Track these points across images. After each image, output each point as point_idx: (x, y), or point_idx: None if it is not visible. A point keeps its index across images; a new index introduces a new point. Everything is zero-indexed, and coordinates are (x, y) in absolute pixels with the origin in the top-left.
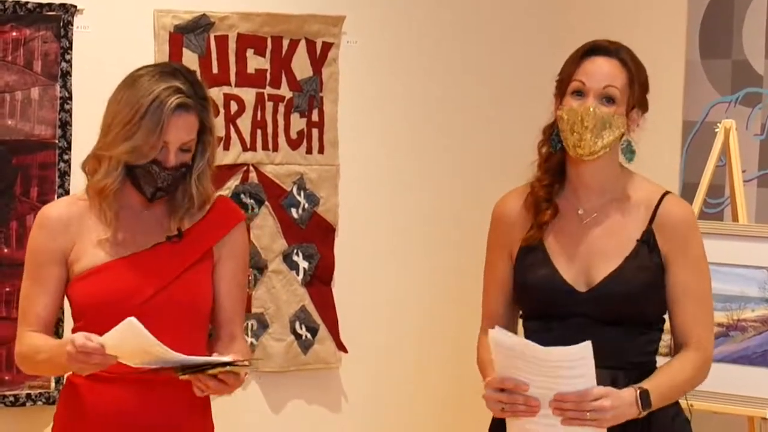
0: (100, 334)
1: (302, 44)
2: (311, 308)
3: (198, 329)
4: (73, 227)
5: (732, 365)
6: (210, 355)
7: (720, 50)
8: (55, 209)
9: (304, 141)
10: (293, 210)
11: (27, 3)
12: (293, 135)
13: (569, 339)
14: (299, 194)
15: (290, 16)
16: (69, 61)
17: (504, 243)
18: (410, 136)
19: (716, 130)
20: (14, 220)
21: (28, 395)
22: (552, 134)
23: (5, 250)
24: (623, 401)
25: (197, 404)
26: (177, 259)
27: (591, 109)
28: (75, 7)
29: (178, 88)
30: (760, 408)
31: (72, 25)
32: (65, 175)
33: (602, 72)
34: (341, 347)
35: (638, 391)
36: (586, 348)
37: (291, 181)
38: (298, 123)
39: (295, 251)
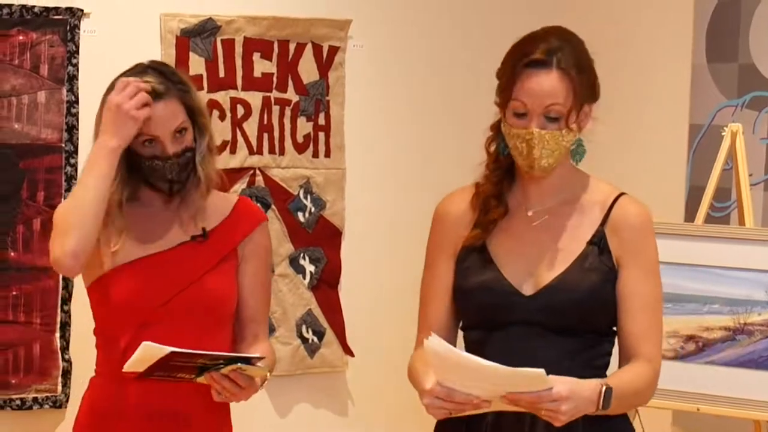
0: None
1: (309, 48)
2: (318, 312)
3: (222, 329)
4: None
5: (739, 369)
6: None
7: (726, 54)
8: None
9: (311, 145)
10: (300, 214)
11: (34, 7)
12: (300, 139)
13: (511, 349)
14: (306, 198)
15: (297, 20)
16: (75, 65)
17: (447, 245)
18: (416, 139)
19: (723, 133)
20: (21, 224)
21: (35, 399)
22: (500, 136)
23: (12, 254)
24: (581, 399)
25: (215, 401)
26: (201, 259)
27: (536, 134)
28: (82, 11)
29: (146, 82)
30: (767, 412)
31: (78, 28)
32: (72, 178)
33: (543, 90)
34: (348, 351)
35: (604, 388)
36: (538, 378)
37: (297, 184)
38: (304, 127)
39: (301, 255)
